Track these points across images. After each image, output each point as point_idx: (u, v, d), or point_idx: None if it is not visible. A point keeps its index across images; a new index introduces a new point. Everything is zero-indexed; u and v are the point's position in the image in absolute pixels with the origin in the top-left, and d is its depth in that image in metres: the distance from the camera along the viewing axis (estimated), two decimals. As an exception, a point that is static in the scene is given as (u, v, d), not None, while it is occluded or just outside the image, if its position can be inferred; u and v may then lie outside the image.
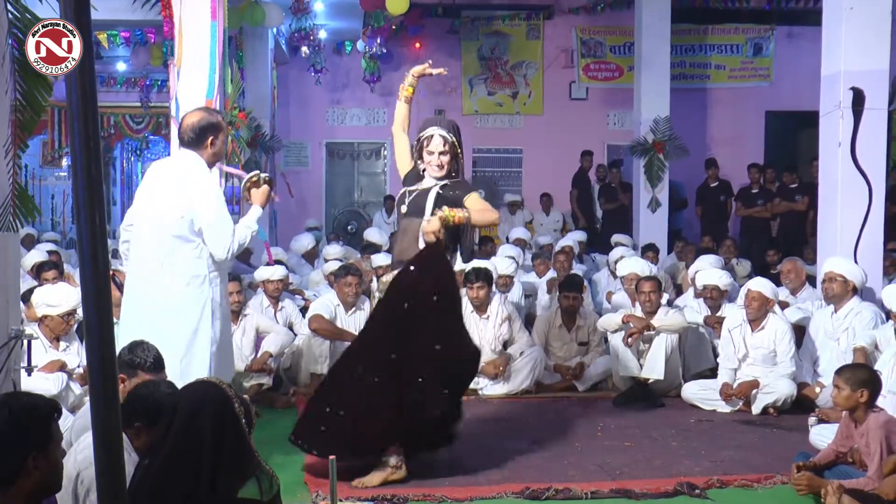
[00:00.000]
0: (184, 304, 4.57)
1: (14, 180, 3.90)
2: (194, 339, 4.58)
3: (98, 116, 2.43)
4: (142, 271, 4.66)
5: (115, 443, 2.47)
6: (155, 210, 4.65)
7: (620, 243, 10.30)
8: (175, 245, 4.58)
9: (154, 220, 4.64)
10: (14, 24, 3.80)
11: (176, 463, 2.88)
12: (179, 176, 4.66)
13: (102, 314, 2.44)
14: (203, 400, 2.99)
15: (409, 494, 4.76)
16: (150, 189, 4.76)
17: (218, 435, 2.89)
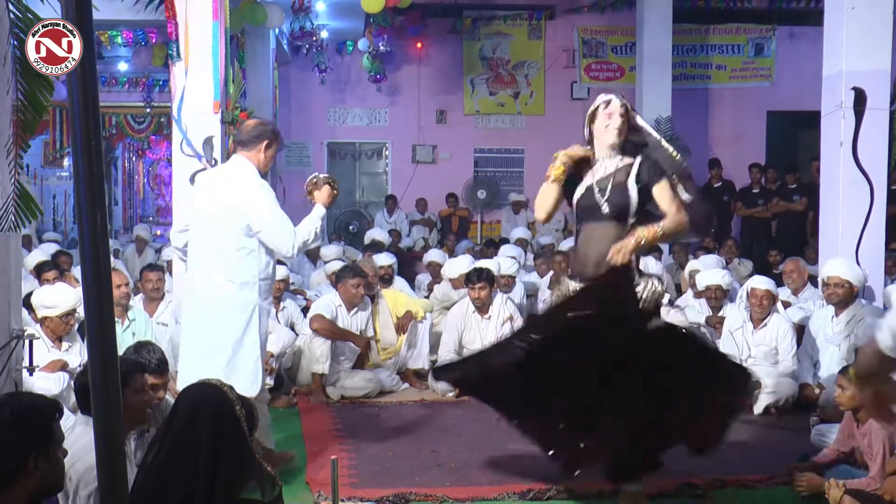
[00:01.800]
0: (234, 307, 4.68)
1: (16, 180, 3.91)
2: (242, 341, 4.69)
3: (99, 116, 2.43)
4: (196, 275, 4.78)
5: (116, 441, 2.47)
6: (210, 214, 4.74)
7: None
8: (229, 249, 4.68)
9: (209, 225, 4.73)
10: (16, 24, 3.81)
11: (174, 465, 2.87)
12: (232, 180, 4.76)
13: (103, 314, 2.44)
14: (202, 402, 2.99)
15: (410, 494, 4.76)
16: (205, 194, 4.87)
17: (216, 437, 2.88)
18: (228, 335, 4.68)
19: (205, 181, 5.06)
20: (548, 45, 14.76)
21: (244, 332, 4.70)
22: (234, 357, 4.68)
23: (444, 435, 6.00)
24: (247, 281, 4.70)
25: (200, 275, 4.76)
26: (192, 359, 4.75)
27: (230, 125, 7.57)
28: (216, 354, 4.64)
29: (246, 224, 4.65)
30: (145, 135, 15.07)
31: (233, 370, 4.61)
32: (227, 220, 4.67)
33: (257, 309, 4.73)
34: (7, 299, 4.24)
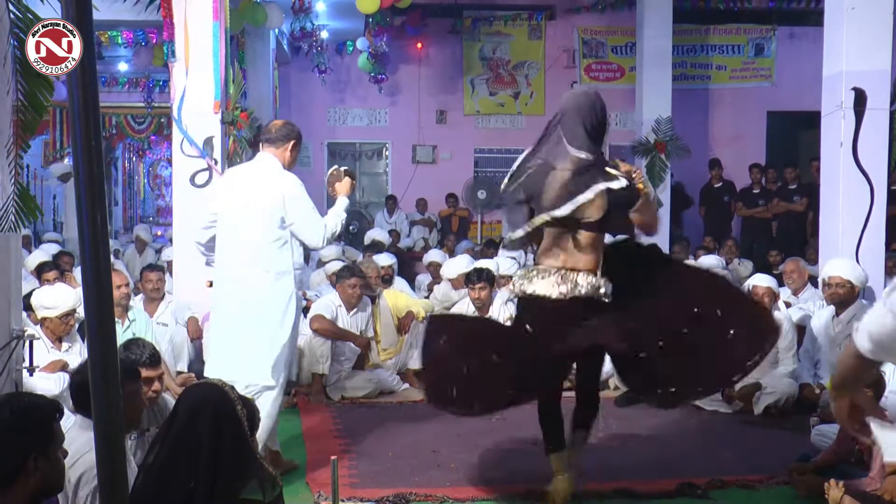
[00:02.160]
0: (271, 298, 4.81)
1: (16, 180, 3.91)
2: (279, 331, 4.82)
3: (100, 116, 2.43)
4: (231, 267, 4.88)
5: (117, 441, 2.47)
6: (245, 207, 4.84)
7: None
8: (265, 240, 4.80)
9: (244, 218, 4.83)
10: (16, 24, 3.81)
11: (175, 465, 2.87)
12: (265, 175, 4.90)
13: (103, 314, 2.44)
14: (202, 402, 2.99)
15: (411, 494, 4.76)
16: (235, 189, 4.95)
17: (216, 437, 2.88)
18: (266, 324, 4.79)
19: (234, 176, 5.15)
20: (548, 45, 14.77)
21: (281, 320, 4.83)
22: (272, 345, 4.80)
23: (444, 435, 5.99)
24: (282, 271, 4.84)
25: (236, 267, 4.85)
26: (224, 349, 4.86)
27: (230, 125, 7.58)
28: (254, 344, 4.77)
29: (280, 216, 4.80)
30: (145, 135, 15.07)
31: (269, 358, 4.77)
32: (263, 212, 4.80)
33: (293, 297, 4.87)
34: (7, 299, 4.24)
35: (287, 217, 4.81)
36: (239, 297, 4.84)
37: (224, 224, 4.95)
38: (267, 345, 4.79)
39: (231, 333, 4.84)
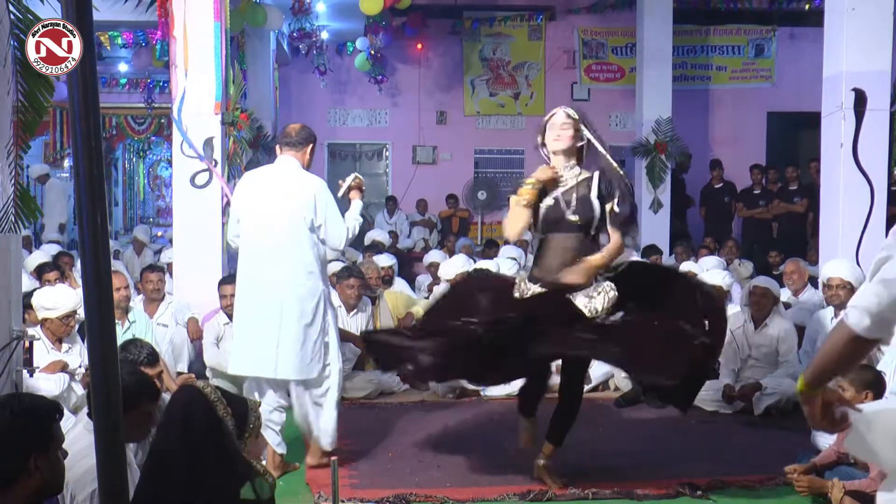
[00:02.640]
0: (303, 297, 4.99)
1: (16, 181, 3.91)
2: (311, 325, 5.00)
3: (100, 117, 2.43)
4: (261, 267, 5.04)
5: (117, 442, 2.47)
6: (275, 208, 5.01)
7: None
8: (295, 240, 4.98)
9: (274, 219, 5.00)
10: (16, 24, 3.81)
11: (156, 471, 2.84)
12: (292, 177, 5.08)
13: (104, 314, 2.44)
14: (177, 406, 2.94)
15: (411, 495, 4.76)
16: (262, 192, 5.09)
17: (188, 442, 2.81)
18: (299, 320, 4.96)
19: (258, 179, 5.24)
20: (548, 45, 14.76)
21: (313, 317, 5.01)
22: (305, 341, 4.99)
23: (444, 436, 6.00)
24: (312, 270, 5.02)
25: (266, 267, 5.01)
26: (257, 347, 5.00)
27: (230, 126, 7.58)
28: (286, 340, 4.94)
29: (311, 218, 4.99)
30: (146, 136, 15.08)
31: (301, 353, 4.97)
32: (293, 213, 4.98)
33: (323, 295, 5.07)
34: (7, 300, 4.24)
35: (317, 219, 5.00)
36: (271, 295, 4.98)
37: (252, 225, 5.08)
38: (299, 341, 4.96)
39: (263, 331, 4.98)
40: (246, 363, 5.08)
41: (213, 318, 6.96)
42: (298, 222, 4.98)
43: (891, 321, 2.26)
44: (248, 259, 5.12)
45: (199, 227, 7.40)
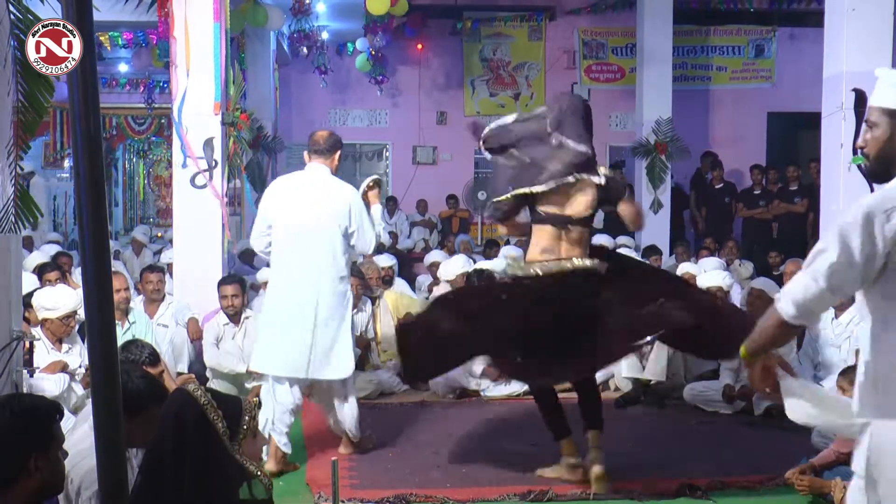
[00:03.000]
0: (336, 299, 5.23)
1: (16, 182, 3.91)
2: (340, 327, 5.25)
3: (100, 117, 2.43)
4: (298, 272, 5.22)
5: (117, 442, 2.47)
6: (309, 216, 5.21)
7: (623, 245, 10.28)
8: (330, 246, 5.20)
9: (311, 226, 5.20)
10: (16, 25, 3.81)
11: (151, 475, 2.83)
12: (327, 186, 5.30)
13: (104, 315, 2.44)
14: (168, 410, 2.92)
15: (411, 495, 4.76)
16: (297, 199, 5.28)
17: (178, 449, 2.79)
18: (333, 322, 5.21)
19: (291, 185, 5.42)
20: (548, 46, 14.76)
21: (342, 319, 5.26)
22: (338, 342, 5.23)
23: (444, 436, 6.00)
24: (344, 275, 5.28)
25: (301, 269, 5.20)
26: (285, 346, 5.20)
27: (230, 126, 7.58)
28: (321, 341, 5.18)
29: (345, 224, 5.22)
30: (146, 136, 15.08)
31: (334, 354, 5.22)
32: (330, 219, 5.20)
33: (350, 298, 5.37)
34: (7, 300, 4.24)
35: (351, 225, 5.23)
36: (304, 299, 5.17)
37: (286, 229, 5.25)
38: (334, 342, 5.22)
39: (297, 333, 5.17)
40: (277, 363, 5.26)
41: (213, 319, 6.96)
42: (334, 229, 5.20)
43: (814, 311, 2.50)
44: (282, 262, 5.30)
45: (199, 227, 7.41)
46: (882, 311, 2.46)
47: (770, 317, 2.59)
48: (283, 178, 5.64)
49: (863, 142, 2.63)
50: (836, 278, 2.43)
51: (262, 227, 5.38)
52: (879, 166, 2.64)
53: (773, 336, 2.61)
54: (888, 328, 2.45)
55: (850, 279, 2.44)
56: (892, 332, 2.44)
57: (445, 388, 7.11)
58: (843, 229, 2.44)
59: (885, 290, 2.44)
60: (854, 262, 2.40)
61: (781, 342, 2.70)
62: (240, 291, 6.98)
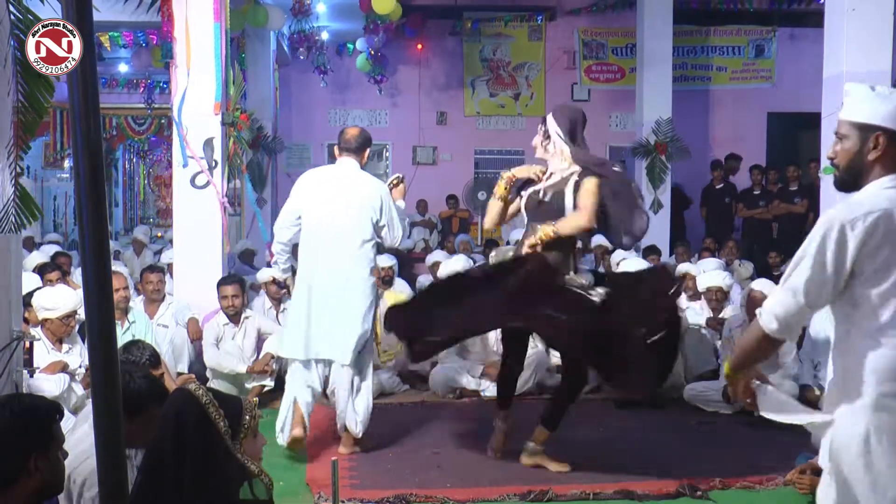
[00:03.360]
0: (366, 290, 5.45)
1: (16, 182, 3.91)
2: (368, 316, 5.46)
3: (100, 118, 2.43)
4: (326, 260, 5.41)
5: (117, 442, 2.47)
6: (341, 209, 5.42)
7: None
8: (360, 238, 5.44)
9: (341, 218, 5.41)
10: (16, 24, 3.81)
11: (151, 475, 2.83)
12: (358, 181, 5.53)
13: (104, 315, 2.44)
14: (169, 410, 2.91)
15: (411, 495, 4.76)
16: (327, 193, 5.48)
17: (178, 448, 2.78)
18: (362, 310, 5.42)
19: (321, 180, 5.60)
20: (548, 46, 14.77)
21: (369, 310, 5.48)
22: (366, 328, 5.45)
23: (444, 436, 6.00)
24: (372, 266, 5.55)
25: (333, 258, 5.39)
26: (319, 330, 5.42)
27: (230, 126, 7.58)
28: (352, 327, 5.39)
29: (375, 218, 5.48)
30: (146, 136, 15.08)
31: (361, 339, 5.42)
32: (360, 212, 5.43)
33: (375, 290, 5.59)
34: (7, 301, 4.24)
35: (381, 220, 5.50)
36: (337, 287, 5.38)
37: (317, 220, 5.44)
38: (363, 328, 5.44)
39: (331, 318, 5.38)
40: (301, 348, 5.47)
41: (213, 319, 6.96)
42: (365, 222, 5.44)
43: (794, 326, 2.69)
44: (313, 252, 5.47)
45: (199, 227, 7.41)
46: (848, 316, 2.66)
47: (753, 332, 2.75)
48: (313, 171, 5.81)
49: (833, 153, 2.77)
50: (813, 293, 2.61)
51: (289, 219, 5.57)
52: (849, 177, 2.75)
53: (757, 351, 2.78)
54: (851, 332, 2.66)
55: (826, 292, 2.62)
56: (855, 336, 2.64)
57: (445, 388, 7.11)
58: (814, 244, 2.60)
59: (851, 298, 2.62)
60: (828, 276, 2.58)
61: (764, 356, 2.85)
62: (240, 291, 6.99)
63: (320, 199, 5.49)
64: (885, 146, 2.64)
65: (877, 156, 2.65)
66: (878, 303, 2.58)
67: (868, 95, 2.69)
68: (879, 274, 2.56)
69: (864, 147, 2.66)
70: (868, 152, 2.66)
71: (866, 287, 2.58)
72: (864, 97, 2.69)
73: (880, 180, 2.65)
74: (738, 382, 2.83)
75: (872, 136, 2.65)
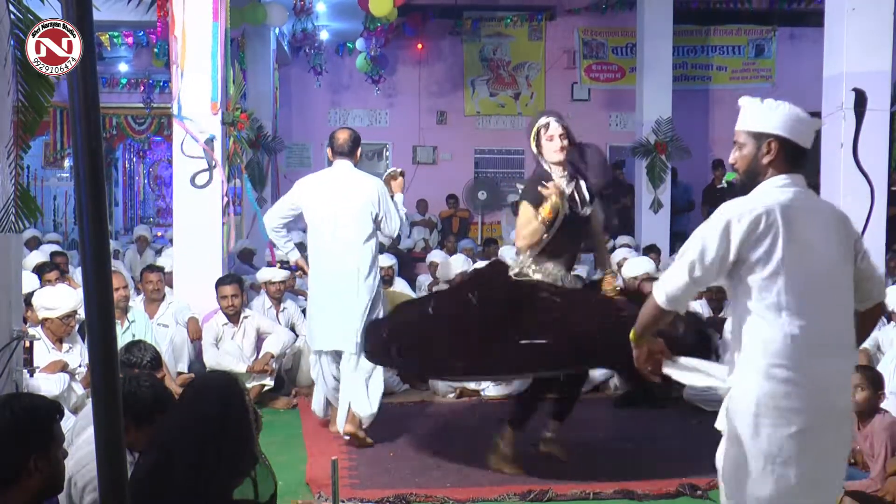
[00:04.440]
0: (369, 284, 5.72)
1: (16, 181, 3.91)
2: (375, 307, 5.73)
3: (100, 117, 2.43)
4: (334, 256, 5.72)
5: (117, 443, 2.47)
6: (344, 207, 5.71)
7: (623, 244, 10.29)
8: (363, 232, 5.73)
9: (344, 215, 5.71)
10: (16, 25, 3.80)
11: (183, 440, 2.86)
12: (353, 180, 5.85)
13: (104, 314, 2.43)
14: (212, 383, 3.08)
15: (411, 495, 4.76)
16: (329, 191, 5.79)
17: (223, 414, 2.91)
18: (364, 305, 5.66)
19: (322, 180, 5.96)
20: (548, 46, 14.77)
21: (375, 301, 5.73)
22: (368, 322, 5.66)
23: (444, 436, 6.00)
24: (375, 257, 5.81)
25: (340, 254, 5.69)
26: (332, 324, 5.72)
27: (230, 126, 7.58)
28: (356, 322, 5.64)
29: (375, 213, 5.76)
30: (146, 136, 15.08)
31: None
32: (361, 208, 5.72)
33: (380, 283, 5.86)
34: (7, 300, 4.24)
35: (380, 213, 5.78)
36: (345, 281, 5.66)
37: (323, 220, 5.75)
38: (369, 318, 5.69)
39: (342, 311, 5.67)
40: (324, 340, 5.79)
41: (213, 319, 6.96)
42: (366, 216, 5.73)
43: (682, 299, 3.04)
44: (320, 251, 5.80)
45: (199, 227, 7.40)
46: (738, 297, 3.01)
47: (649, 304, 3.11)
48: (312, 176, 6.14)
49: (733, 159, 3.13)
50: (697, 272, 2.96)
51: (283, 209, 5.96)
52: (748, 180, 3.09)
53: (652, 319, 3.13)
54: (742, 310, 3.00)
55: (709, 273, 2.97)
56: (745, 314, 2.99)
57: (445, 388, 7.11)
58: (704, 231, 2.98)
59: (740, 281, 2.98)
60: (712, 260, 2.94)
61: (659, 325, 3.17)
62: (239, 291, 6.98)
63: (321, 200, 5.79)
64: (777, 150, 3.01)
65: (770, 159, 3.02)
66: (762, 286, 2.92)
67: (760, 107, 3.06)
68: (761, 262, 2.91)
69: (759, 152, 3.04)
70: (763, 156, 3.03)
71: (750, 273, 2.94)
72: (757, 109, 3.07)
73: (773, 179, 3.02)
74: (642, 349, 3.17)
75: (766, 142, 3.02)
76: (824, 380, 2.92)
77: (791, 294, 2.90)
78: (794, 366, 2.88)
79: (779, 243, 2.90)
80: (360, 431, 5.68)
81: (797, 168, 3.05)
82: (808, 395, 2.88)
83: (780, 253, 2.90)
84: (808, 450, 2.89)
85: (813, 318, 2.92)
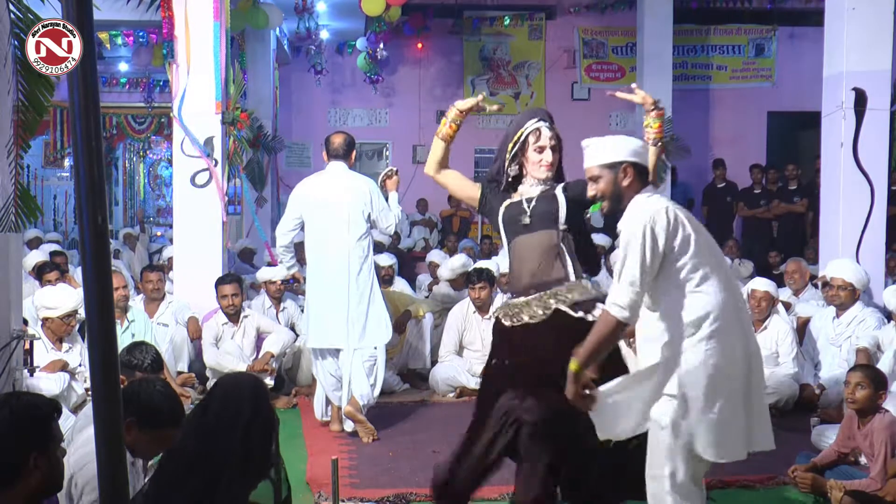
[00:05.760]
0: (364, 280, 5.90)
1: (16, 181, 3.91)
2: (373, 300, 5.92)
3: (100, 117, 2.43)
4: (330, 255, 5.87)
5: (117, 442, 2.47)
6: (339, 208, 5.87)
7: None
8: (357, 231, 5.89)
9: (340, 215, 5.87)
10: (16, 24, 3.81)
11: (214, 437, 2.88)
12: (347, 181, 5.99)
13: (104, 314, 2.44)
14: (242, 382, 3.12)
15: (411, 495, 4.76)
16: (325, 194, 5.94)
17: (255, 410, 2.96)
18: (364, 298, 5.88)
19: (318, 183, 6.08)
20: (548, 45, 14.76)
21: (374, 293, 5.94)
22: (371, 313, 5.90)
23: (444, 435, 5.99)
24: (370, 254, 5.96)
25: (336, 253, 5.85)
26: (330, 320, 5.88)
27: (231, 125, 7.58)
28: (358, 313, 5.86)
29: (367, 211, 5.91)
30: (146, 135, 15.07)
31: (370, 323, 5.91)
32: (354, 208, 5.88)
33: (376, 278, 6.06)
34: (7, 299, 4.24)
35: (373, 211, 5.94)
36: (340, 279, 5.82)
37: (320, 221, 5.91)
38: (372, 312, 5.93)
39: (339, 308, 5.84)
40: (322, 337, 5.93)
41: (212, 319, 6.96)
42: (359, 215, 5.89)
43: (636, 309, 3.30)
44: (318, 250, 5.94)
45: (199, 226, 7.41)
46: (667, 283, 3.35)
47: (606, 323, 3.32)
48: (308, 179, 6.25)
49: (594, 192, 3.55)
50: (643, 280, 3.28)
51: (289, 224, 6.07)
52: (614, 204, 3.51)
53: (607, 338, 3.34)
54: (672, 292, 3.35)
55: (650, 276, 3.31)
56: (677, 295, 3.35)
57: (445, 388, 7.11)
58: (633, 247, 3.30)
59: (663, 269, 3.34)
60: (652, 263, 3.30)
61: (613, 342, 3.44)
62: (238, 290, 6.99)
63: (318, 202, 5.96)
64: (632, 173, 3.47)
65: (629, 181, 3.47)
66: (690, 267, 3.33)
67: (606, 143, 3.54)
68: (682, 248, 3.33)
69: (616, 178, 3.47)
70: (622, 181, 3.47)
71: (676, 260, 3.33)
72: (603, 145, 3.54)
73: (639, 195, 3.47)
74: (581, 380, 3.30)
75: (621, 168, 3.47)
76: (749, 327, 3.51)
77: (710, 267, 3.37)
78: (730, 324, 3.34)
79: (688, 229, 3.36)
80: (360, 414, 5.82)
81: (647, 184, 3.57)
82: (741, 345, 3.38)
83: (694, 236, 3.36)
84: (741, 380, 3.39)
85: (730, 283, 3.45)
